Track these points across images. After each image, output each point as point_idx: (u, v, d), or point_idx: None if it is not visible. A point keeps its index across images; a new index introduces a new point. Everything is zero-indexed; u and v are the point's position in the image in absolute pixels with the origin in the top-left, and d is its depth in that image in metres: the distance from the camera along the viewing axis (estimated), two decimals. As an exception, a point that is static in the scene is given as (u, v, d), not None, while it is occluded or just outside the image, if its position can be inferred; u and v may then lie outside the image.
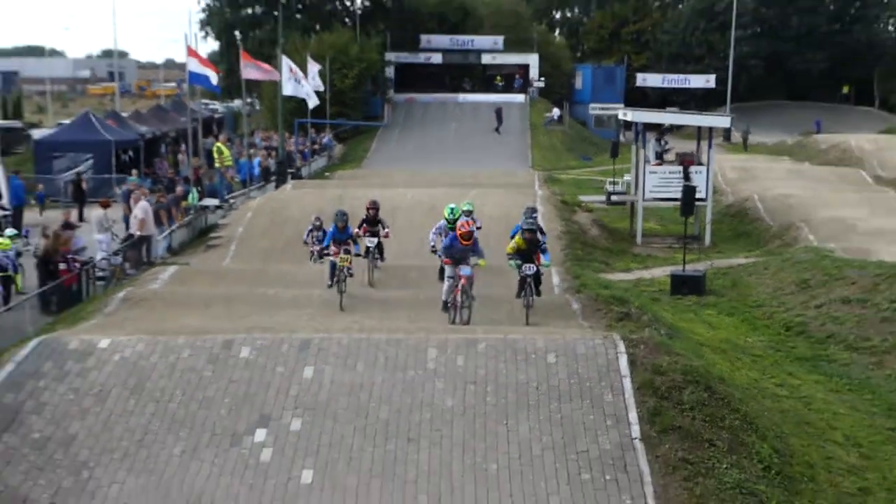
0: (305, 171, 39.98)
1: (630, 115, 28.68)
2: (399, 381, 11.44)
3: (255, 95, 59.25)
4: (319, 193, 26.97)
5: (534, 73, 63.05)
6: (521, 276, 14.70)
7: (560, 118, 57.71)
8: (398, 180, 32.07)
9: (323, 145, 48.39)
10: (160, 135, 41.41)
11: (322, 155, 46.91)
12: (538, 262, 14.79)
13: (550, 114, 57.87)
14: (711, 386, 11.56)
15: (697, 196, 22.99)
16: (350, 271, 15.83)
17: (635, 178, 27.13)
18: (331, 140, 50.38)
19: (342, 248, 15.96)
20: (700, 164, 26.14)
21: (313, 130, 48.10)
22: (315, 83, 41.98)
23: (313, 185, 32.31)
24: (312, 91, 40.58)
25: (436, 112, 58.75)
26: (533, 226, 15.04)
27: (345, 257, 15.72)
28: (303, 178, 36.84)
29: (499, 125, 54.15)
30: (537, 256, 14.86)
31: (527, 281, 14.61)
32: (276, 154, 37.99)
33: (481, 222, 18.11)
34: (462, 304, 14.36)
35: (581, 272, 19.37)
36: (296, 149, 42.23)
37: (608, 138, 47.17)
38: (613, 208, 28.74)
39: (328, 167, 45.03)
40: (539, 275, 14.89)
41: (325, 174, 40.94)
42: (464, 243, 14.36)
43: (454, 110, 59.05)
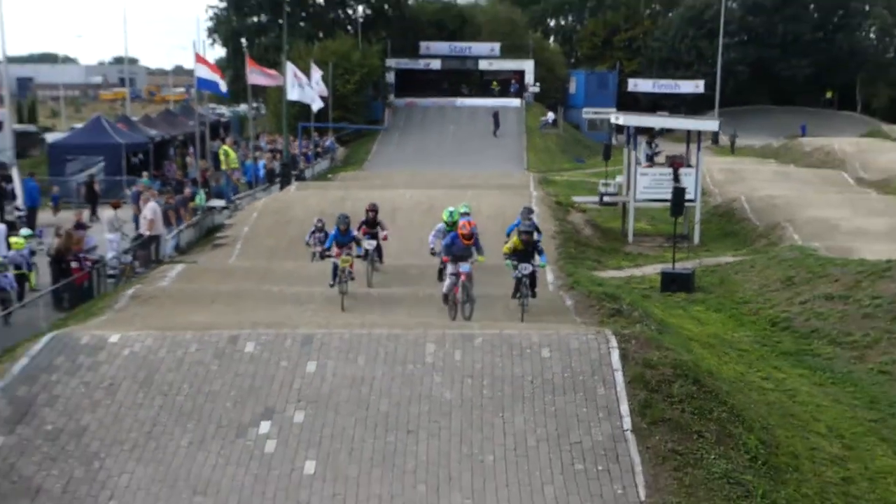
0: (309, 173, 40.00)
1: (622, 119, 28.68)
2: (399, 375, 11.43)
3: (261, 100, 59.25)
4: (322, 195, 26.94)
5: (529, 79, 63.09)
6: (518, 277, 14.58)
7: (554, 122, 57.73)
8: (398, 182, 32.04)
9: (326, 148, 48.42)
10: (169, 138, 41.37)
11: (325, 157, 46.92)
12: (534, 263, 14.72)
13: (545, 118, 57.88)
14: (700, 379, 11.55)
15: (687, 197, 22.97)
16: (351, 275, 15.70)
17: (627, 180, 27.14)
18: (333, 143, 50.41)
19: (344, 250, 15.88)
20: (689, 167, 26.17)
21: (316, 134, 48.10)
22: (319, 87, 41.96)
23: (316, 187, 32.28)
24: (317, 95, 40.61)
25: (435, 116, 58.75)
26: (530, 227, 14.97)
27: (346, 258, 15.65)
28: (306, 180, 36.83)
29: (496, 129, 54.12)
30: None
31: (523, 281, 14.53)
32: (281, 156, 37.99)
33: (476, 223, 18.02)
34: (463, 301, 14.32)
35: (574, 270, 19.38)
36: (299, 151, 42.26)
37: (601, 141, 47.20)
38: (606, 209, 28.75)
39: (331, 169, 45.02)
40: (535, 276, 14.80)
41: (328, 176, 40.92)
42: (465, 242, 14.33)
43: (452, 114, 59.04)
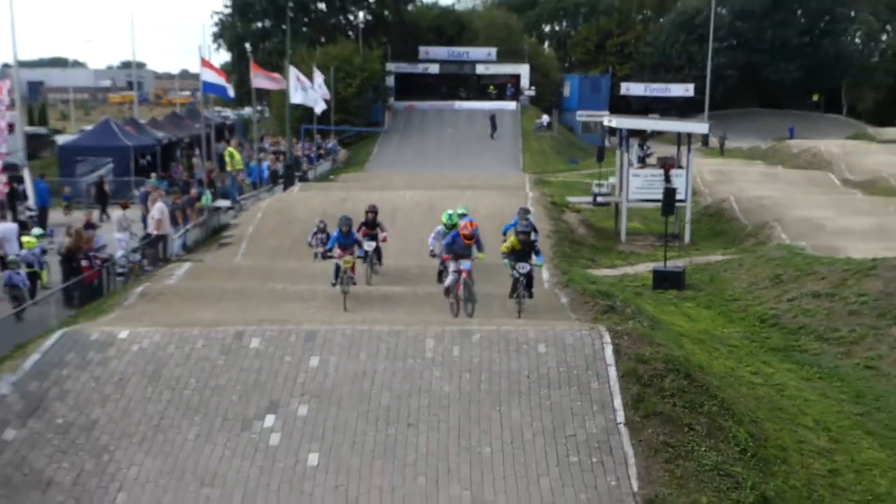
0: (311, 175, 39.93)
1: (615, 122, 28.68)
2: (399, 370, 11.43)
3: (265, 103, 59.18)
4: (324, 195, 26.90)
5: (525, 83, 63.04)
6: (515, 277, 14.50)
7: (549, 124, 57.68)
8: (398, 183, 32.00)
9: (328, 150, 48.38)
10: (176, 140, 41.30)
11: (327, 159, 46.88)
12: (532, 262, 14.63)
13: (540, 120, 57.82)
14: (691, 374, 11.56)
15: (677, 197, 22.92)
16: (353, 280, 15.51)
17: (620, 181, 27.13)
18: (335, 145, 50.39)
19: (346, 252, 15.73)
20: (680, 168, 26.15)
21: (319, 136, 48.06)
22: (322, 91, 41.95)
23: (319, 188, 32.25)
24: (320, 97, 40.58)
25: (433, 119, 58.71)
26: (528, 228, 14.89)
27: (348, 259, 15.54)
28: (309, 181, 36.76)
29: (493, 131, 54.09)
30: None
31: (520, 281, 14.44)
32: (284, 158, 37.97)
33: (476, 223, 17.96)
34: (465, 297, 14.24)
35: (569, 268, 19.39)
36: (302, 153, 42.25)
37: (594, 143, 47.16)
38: (599, 209, 28.73)
39: (333, 170, 44.98)
40: (532, 277, 14.68)
41: (330, 177, 40.89)
42: (466, 242, 14.29)
43: (450, 117, 58.99)
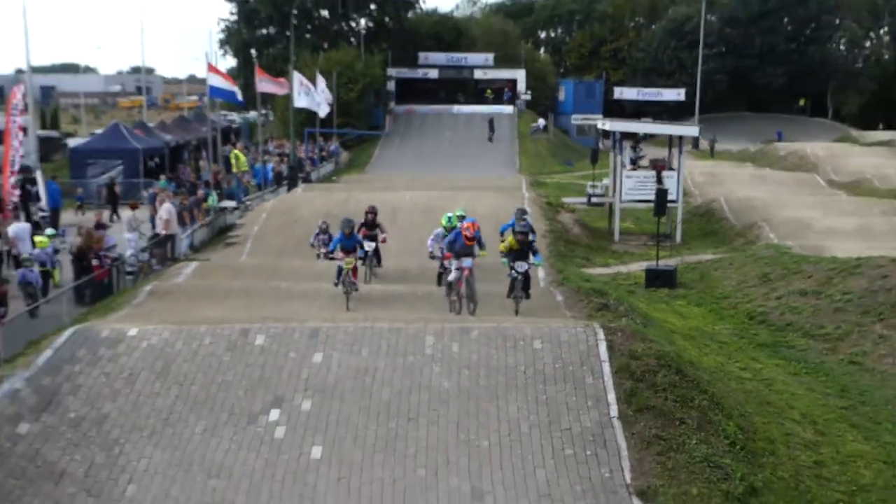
0: (314, 176, 39.89)
1: (608, 125, 28.73)
2: (400, 366, 11.44)
3: (269, 107, 59.14)
4: (327, 196, 26.88)
5: (521, 87, 62.97)
6: (513, 277, 14.33)
7: (545, 128, 57.65)
8: (399, 184, 31.96)
9: (330, 152, 48.31)
10: (183, 143, 41.27)
11: (329, 161, 46.81)
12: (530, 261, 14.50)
13: (536, 124, 57.78)
14: (682, 369, 11.57)
15: (669, 198, 22.97)
16: (355, 285, 15.25)
17: (613, 182, 27.15)
18: (337, 147, 50.31)
19: (348, 254, 15.53)
20: (671, 170, 26.16)
21: (321, 139, 48.00)
22: (325, 94, 41.94)
23: (322, 189, 32.22)
24: (324, 100, 40.55)
25: (433, 122, 58.65)
26: (526, 228, 14.72)
27: (350, 260, 15.39)
28: (312, 182, 36.74)
29: (491, 134, 54.07)
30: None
31: (518, 280, 14.28)
32: (288, 160, 37.91)
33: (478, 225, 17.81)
34: (467, 295, 14.10)
35: (564, 267, 19.39)
36: (306, 155, 42.18)
37: (588, 146, 47.10)
38: (593, 209, 28.74)
39: (335, 172, 44.93)
40: (529, 278, 14.47)
41: (333, 178, 40.83)
42: (468, 244, 14.18)
43: (449, 121, 58.93)
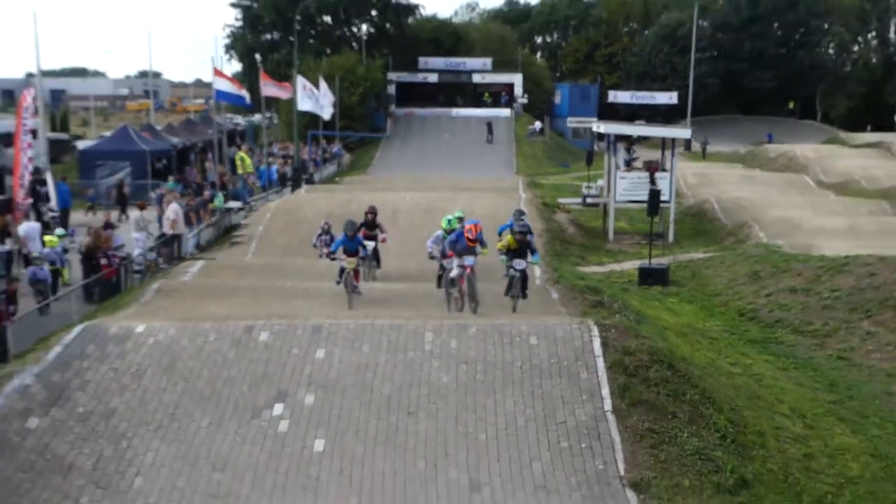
0: (317, 177, 39.82)
1: (603, 128, 28.69)
2: (400, 362, 11.44)
3: (274, 110, 59.04)
4: (330, 197, 26.86)
5: (518, 91, 62.93)
6: (510, 275, 14.17)
7: (541, 130, 57.64)
8: (399, 185, 31.94)
9: (333, 154, 48.25)
10: (190, 145, 41.20)
11: (332, 163, 46.75)
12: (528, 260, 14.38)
13: (533, 126, 57.77)
14: (674, 365, 11.57)
15: (662, 199, 23.02)
16: (357, 289, 15.05)
17: (607, 183, 27.13)
18: (340, 150, 50.25)
19: (351, 255, 15.39)
20: (664, 171, 26.18)
21: (324, 141, 47.99)
22: (328, 97, 41.95)
23: (324, 190, 32.18)
24: (328, 103, 40.54)
25: (432, 125, 58.61)
26: (524, 228, 14.62)
27: (351, 260, 15.24)
28: (315, 184, 36.66)
29: (490, 136, 54.06)
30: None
31: (515, 278, 14.13)
32: (292, 162, 37.85)
33: (481, 227, 17.56)
34: (469, 293, 13.91)
35: (560, 265, 19.38)
36: (309, 157, 42.12)
37: (584, 148, 46.93)
38: (588, 209, 28.71)
39: (338, 173, 44.86)
40: (526, 278, 14.34)
41: (335, 180, 40.77)
42: (470, 245, 14.03)
43: (448, 123, 58.89)
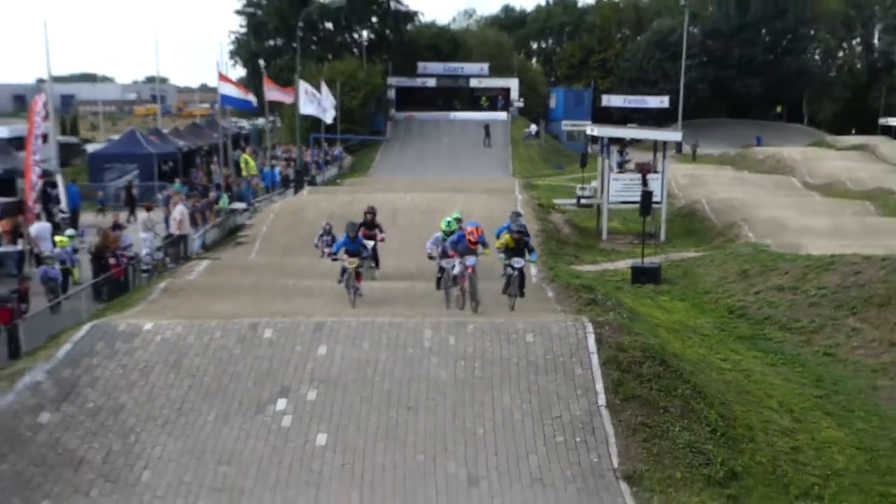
0: (319, 179, 39.82)
1: (596, 131, 28.69)
2: (400, 358, 11.43)
3: (277, 114, 59.04)
4: (332, 198, 26.82)
5: (514, 95, 63.00)
6: (508, 274, 14.01)
7: (537, 133, 57.68)
8: (399, 186, 31.89)
9: (334, 157, 48.28)
10: (195, 148, 41.16)
11: (334, 165, 46.78)
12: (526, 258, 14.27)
13: (529, 129, 57.82)
14: (666, 361, 11.58)
15: (654, 199, 22.93)
16: (359, 291, 14.88)
17: (601, 184, 27.15)
18: (341, 152, 50.29)
19: (352, 256, 15.37)
20: (656, 173, 26.18)
21: (326, 144, 47.98)
22: (330, 100, 41.96)
23: (326, 191, 32.13)
24: (330, 106, 40.52)
25: (431, 128, 58.65)
26: (522, 227, 14.58)
27: (353, 261, 15.18)
28: (317, 185, 36.65)
29: (488, 140, 54.06)
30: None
31: (513, 276, 13.98)
32: (295, 164, 37.86)
33: (482, 229, 17.44)
34: (471, 291, 13.74)
35: (555, 264, 19.36)
36: (311, 160, 42.14)
37: (578, 150, 46.98)
38: (583, 210, 28.74)
39: (339, 175, 44.89)
40: (524, 277, 14.21)
41: (337, 181, 40.78)
42: (472, 247, 13.93)
43: (446, 127, 58.93)
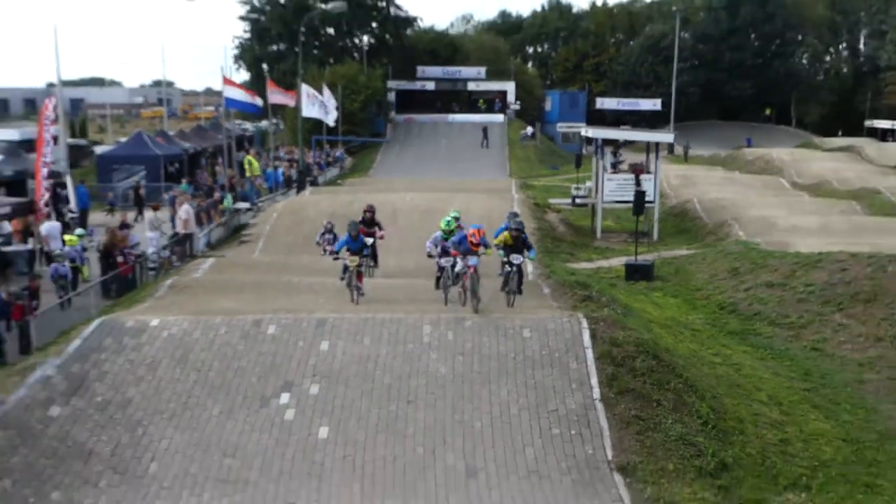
0: (321, 180, 39.78)
1: (591, 133, 28.72)
2: (400, 353, 11.43)
3: (280, 117, 59.03)
4: (333, 198, 26.82)
5: (511, 98, 63.06)
6: (506, 272, 13.75)
7: (533, 135, 57.70)
8: (399, 187, 31.87)
9: (336, 158, 48.25)
10: (201, 150, 41.17)
11: (335, 166, 46.74)
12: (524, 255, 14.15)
13: (525, 131, 57.86)
14: (659, 355, 11.57)
15: (647, 199, 22.97)
16: (361, 290, 14.61)
17: (595, 185, 27.14)
18: (342, 154, 50.26)
19: (354, 255, 15.29)
20: (649, 173, 26.19)
21: (328, 145, 47.98)
22: (332, 103, 41.97)
23: (328, 191, 32.13)
24: (332, 108, 40.50)
25: (430, 130, 58.67)
26: (520, 225, 14.49)
27: (354, 259, 15.14)
28: (319, 186, 36.64)
29: (485, 141, 54.07)
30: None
31: (512, 273, 13.76)
32: (297, 165, 37.83)
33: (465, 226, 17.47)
34: (472, 290, 13.47)
35: (551, 262, 19.36)
36: (313, 161, 42.15)
37: (573, 151, 46.99)
38: (577, 209, 28.70)
39: (340, 176, 44.86)
40: (522, 273, 14.01)
41: (338, 182, 40.75)
42: (474, 249, 13.84)
43: (445, 129, 58.96)
